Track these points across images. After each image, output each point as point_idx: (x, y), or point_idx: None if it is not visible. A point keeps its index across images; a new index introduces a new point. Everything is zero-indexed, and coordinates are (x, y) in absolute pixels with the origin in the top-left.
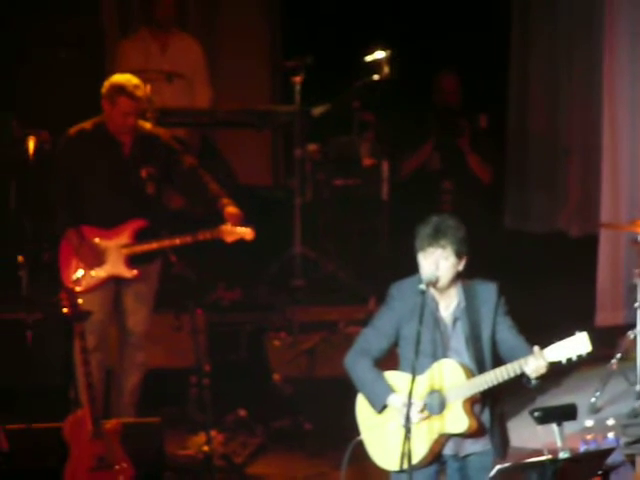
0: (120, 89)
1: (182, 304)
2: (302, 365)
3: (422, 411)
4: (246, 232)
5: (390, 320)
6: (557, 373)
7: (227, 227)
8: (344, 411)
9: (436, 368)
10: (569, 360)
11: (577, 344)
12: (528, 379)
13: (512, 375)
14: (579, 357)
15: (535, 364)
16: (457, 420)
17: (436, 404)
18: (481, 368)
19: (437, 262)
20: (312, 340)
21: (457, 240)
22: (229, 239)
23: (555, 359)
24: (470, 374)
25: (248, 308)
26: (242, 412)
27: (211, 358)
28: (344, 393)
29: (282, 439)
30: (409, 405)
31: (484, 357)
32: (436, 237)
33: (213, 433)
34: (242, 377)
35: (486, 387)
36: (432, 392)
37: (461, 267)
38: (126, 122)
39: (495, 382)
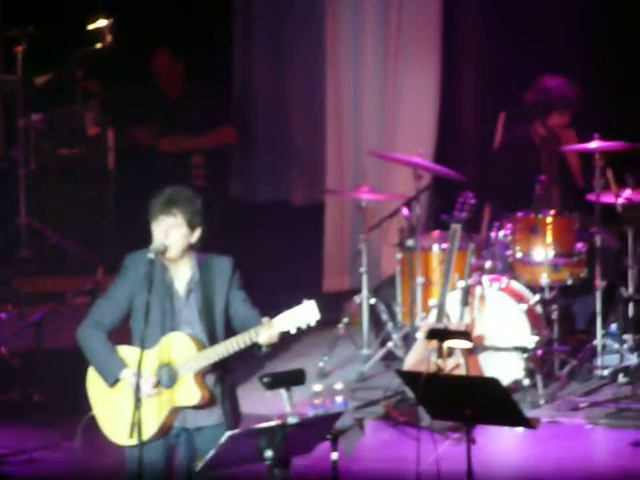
0: None
1: None
2: (29, 337)
3: (156, 386)
4: None
5: (123, 291)
6: (285, 339)
7: None
8: (74, 382)
9: (165, 341)
10: (299, 329)
11: (305, 312)
12: (259, 348)
13: (243, 346)
14: (309, 325)
15: (267, 335)
16: (189, 393)
17: (167, 378)
18: (213, 340)
19: (168, 231)
20: (39, 312)
21: (190, 211)
22: None
23: (285, 328)
24: (201, 346)
25: None
26: None
27: None
28: (73, 365)
29: (11, 411)
30: (138, 375)
31: (216, 329)
32: (168, 206)
33: None
34: None
35: (217, 359)
36: (162, 366)
37: (194, 239)
38: None
39: (226, 354)
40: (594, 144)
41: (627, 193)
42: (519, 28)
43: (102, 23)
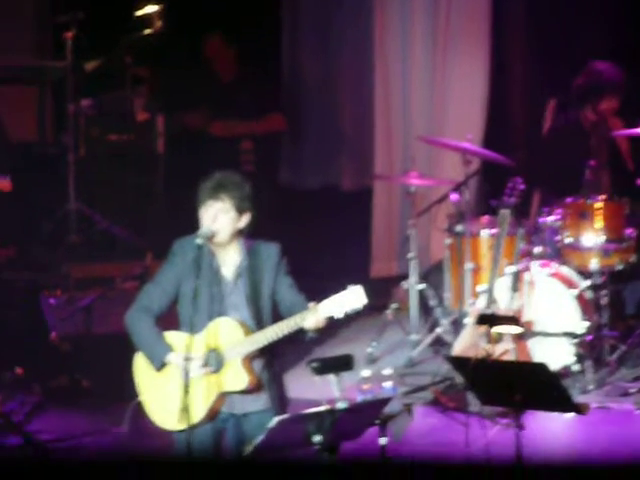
0: None
1: None
2: (79, 322)
3: (204, 365)
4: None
5: (171, 276)
6: (334, 324)
7: None
8: (122, 368)
9: (213, 327)
10: (345, 314)
11: (352, 297)
12: (305, 333)
13: (290, 331)
14: (355, 310)
15: (313, 319)
16: (236, 377)
17: (214, 362)
18: (260, 326)
19: (216, 216)
20: (89, 297)
21: (238, 195)
22: None
23: (331, 313)
24: (248, 331)
25: (23, 266)
26: (19, 370)
27: None
28: (122, 350)
29: (60, 397)
30: (187, 360)
31: (263, 315)
32: (216, 190)
33: None
34: (18, 335)
35: (265, 343)
36: (210, 351)
37: (242, 224)
38: None
39: (274, 338)
40: None
41: None
42: (567, 16)
43: (151, 9)
